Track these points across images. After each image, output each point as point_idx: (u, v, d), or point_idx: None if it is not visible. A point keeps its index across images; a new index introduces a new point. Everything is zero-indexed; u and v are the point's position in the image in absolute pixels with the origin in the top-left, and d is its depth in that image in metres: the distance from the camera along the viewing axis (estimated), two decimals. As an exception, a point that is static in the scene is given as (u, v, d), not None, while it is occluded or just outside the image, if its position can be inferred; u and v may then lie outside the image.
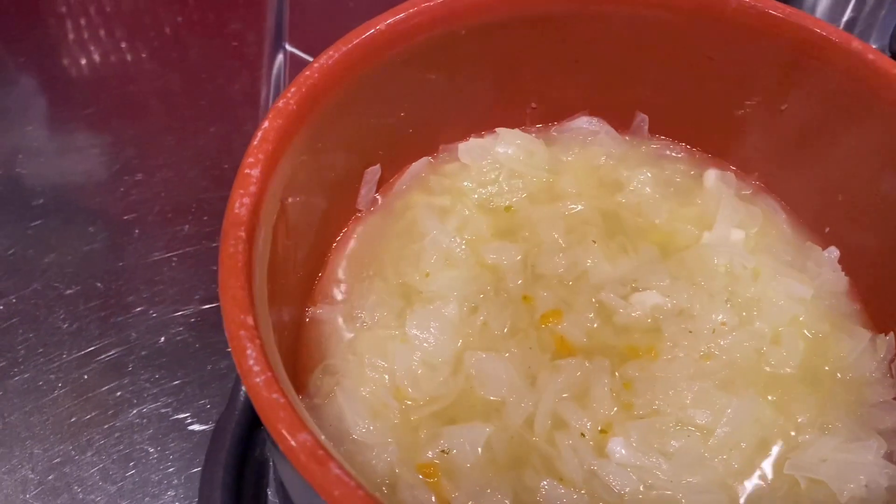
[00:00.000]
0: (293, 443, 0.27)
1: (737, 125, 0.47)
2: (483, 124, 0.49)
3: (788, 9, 0.41)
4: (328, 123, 0.39)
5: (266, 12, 0.74)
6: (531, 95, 0.49)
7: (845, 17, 0.54)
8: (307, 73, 0.37)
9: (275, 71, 0.69)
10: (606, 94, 0.49)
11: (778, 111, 0.45)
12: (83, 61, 0.73)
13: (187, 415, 0.50)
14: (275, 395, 0.28)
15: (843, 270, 0.45)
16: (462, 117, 0.48)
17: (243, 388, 0.39)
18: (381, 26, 0.39)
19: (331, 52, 0.38)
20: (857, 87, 0.40)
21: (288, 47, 0.70)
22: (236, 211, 0.32)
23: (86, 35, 0.76)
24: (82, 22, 0.78)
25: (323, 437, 0.28)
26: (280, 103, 0.36)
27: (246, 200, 0.33)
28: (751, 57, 0.43)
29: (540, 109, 0.50)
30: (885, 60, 0.39)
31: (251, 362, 0.28)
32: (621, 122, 0.50)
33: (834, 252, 0.45)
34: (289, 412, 0.27)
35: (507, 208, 0.47)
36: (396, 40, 0.40)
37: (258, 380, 0.28)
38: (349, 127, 0.42)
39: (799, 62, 0.42)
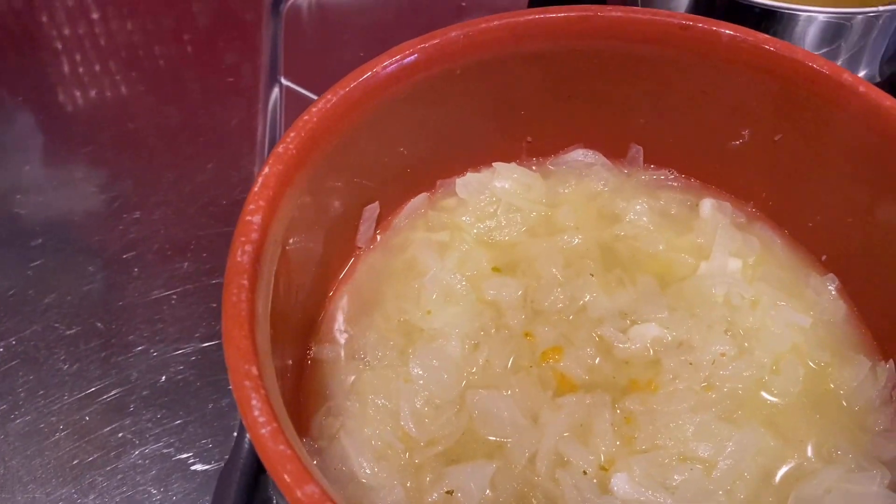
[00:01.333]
0: (300, 494, 0.27)
1: (731, 155, 0.47)
2: (480, 159, 0.50)
3: (780, 43, 0.41)
4: (327, 165, 0.39)
5: (261, 46, 0.75)
6: (527, 129, 0.49)
7: (834, 44, 0.55)
8: (305, 117, 0.38)
9: (271, 104, 0.69)
10: (601, 127, 0.50)
11: (772, 141, 0.45)
12: (80, 97, 0.74)
13: (190, 454, 0.50)
14: (281, 447, 0.28)
15: (841, 298, 0.45)
16: (459, 153, 0.49)
17: (248, 435, 0.39)
18: (377, 68, 0.40)
19: (329, 96, 0.38)
20: (849, 119, 0.41)
21: (283, 81, 0.70)
22: (238, 259, 0.32)
23: (82, 71, 0.77)
24: (77, 57, 0.78)
25: (327, 484, 0.28)
26: (280, 148, 0.36)
27: (248, 248, 0.33)
28: (744, 89, 0.44)
29: (535, 143, 0.50)
30: (876, 93, 0.39)
31: (256, 413, 0.29)
32: (616, 154, 0.51)
33: (832, 280, 0.46)
34: (295, 464, 0.28)
35: (506, 242, 0.47)
36: (393, 81, 0.41)
37: (264, 431, 0.28)
38: (348, 167, 0.42)
39: (791, 94, 0.42)
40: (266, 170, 0.35)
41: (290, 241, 0.37)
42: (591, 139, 0.50)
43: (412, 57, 0.40)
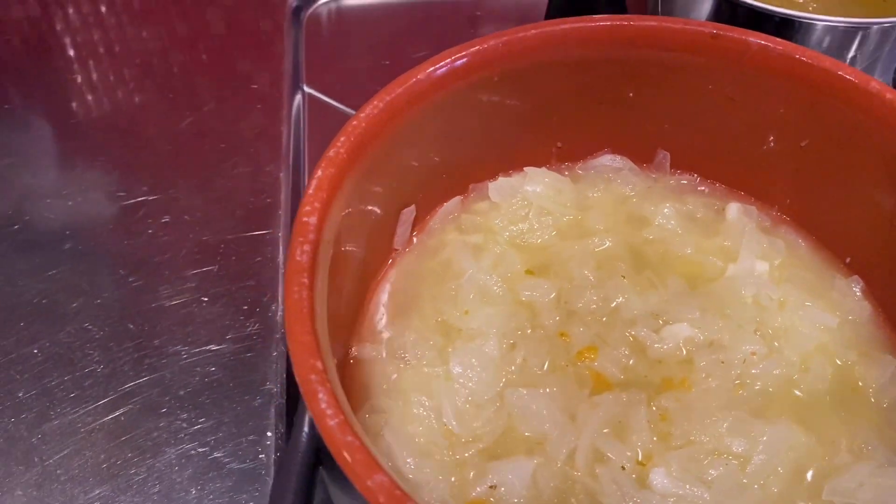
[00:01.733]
0: (370, 483, 0.28)
1: (758, 160, 0.49)
2: (511, 163, 0.51)
3: (809, 51, 0.43)
4: (373, 169, 0.40)
5: (281, 54, 0.76)
6: (557, 135, 0.51)
7: (850, 54, 0.56)
8: (354, 122, 0.39)
9: (294, 111, 0.70)
10: (629, 132, 0.51)
11: (798, 147, 0.46)
12: (95, 106, 0.74)
13: (224, 453, 0.50)
14: (349, 438, 0.29)
15: (866, 299, 0.47)
16: (491, 157, 0.50)
17: (305, 428, 0.40)
18: (421, 76, 0.41)
19: (376, 102, 0.40)
20: (876, 125, 0.42)
21: (306, 88, 0.71)
22: (298, 258, 0.33)
23: (96, 78, 0.77)
24: (93, 64, 0.79)
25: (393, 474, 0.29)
26: (331, 152, 0.37)
27: (307, 248, 0.34)
28: (772, 97, 0.45)
29: (565, 148, 0.52)
30: (902, 99, 0.41)
31: (324, 405, 0.30)
32: (643, 159, 0.52)
33: (857, 282, 0.47)
34: (364, 454, 0.29)
35: (538, 245, 0.49)
36: (436, 87, 0.42)
37: (332, 423, 0.29)
38: (389, 171, 0.43)
39: (819, 102, 0.43)
40: (319, 173, 0.37)
41: (340, 242, 0.38)
42: (619, 144, 0.52)
43: (456, 63, 0.41)
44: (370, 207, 0.42)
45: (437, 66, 0.41)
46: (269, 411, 0.52)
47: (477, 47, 0.43)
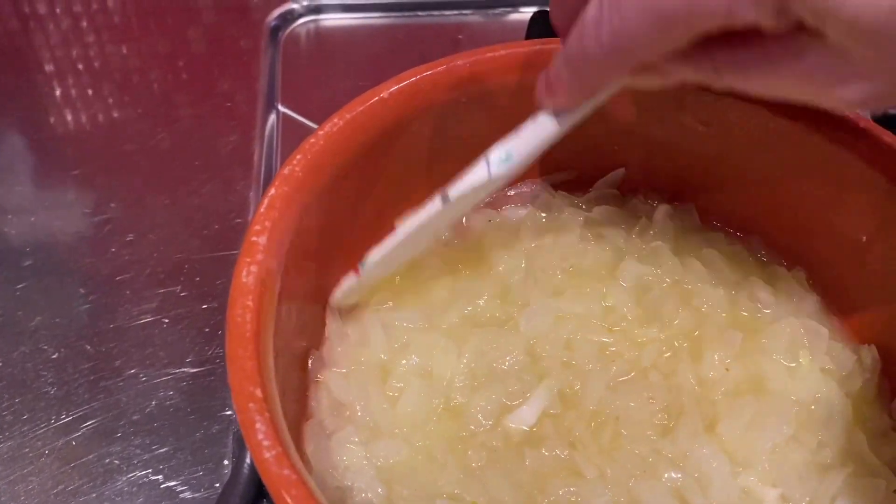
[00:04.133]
0: (305, 520, 0.26)
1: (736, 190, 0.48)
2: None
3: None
4: (331, 189, 0.39)
5: (257, 73, 0.75)
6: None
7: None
8: (312, 140, 0.38)
9: (267, 131, 0.69)
10: (602, 158, 0.50)
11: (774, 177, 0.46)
12: (72, 120, 0.73)
13: (178, 482, 0.49)
14: (286, 472, 0.27)
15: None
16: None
17: (248, 461, 0.38)
18: (384, 94, 0.40)
19: (336, 119, 0.38)
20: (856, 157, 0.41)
21: (281, 108, 0.70)
22: (244, 280, 0.32)
23: (75, 94, 0.76)
24: (71, 80, 0.78)
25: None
26: (286, 170, 0.36)
27: (253, 269, 0.33)
28: (745, 122, 0.44)
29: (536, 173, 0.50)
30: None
31: (260, 437, 0.28)
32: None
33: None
34: (300, 489, 0.27)
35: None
36: (399, 107, 0.41)
37: (268, 455, 0.28)
38: (350, 192, 0.42)
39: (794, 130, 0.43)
40: (272, 191, 0.35)
41: (294, 262, 0.36)
42: (589, 170, 0.50)
43: (419, 83, 0.40)
44: (330, 227, 0.41)
45: (401, 83, 0.40)
46: (227, 439, 0.50)
47: (443, 67, 0.42)
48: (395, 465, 0.38)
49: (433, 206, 0.39)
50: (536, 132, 0.37)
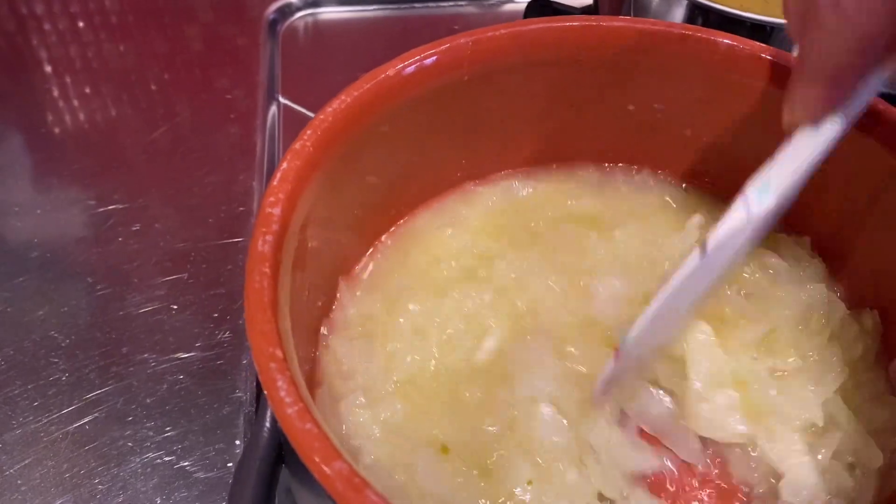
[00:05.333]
0: (329, 471, 0.27)
1: (730, 161, 0.49)
2: (483, 166, 0.51)
3: (775, 51, 0.43)
4: (342, 164, 0.40)
5: (256, 67, 0.76)
6: (527, 138, 0.50)
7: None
8: (321, 116, 0.38)
9: (269, 122, 0.70)
10: (600, 136, 0.51)
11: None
12: (71, 119, 0.74)
13: (191, 462, 0.49)
14: (308, 426, 0.28)
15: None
16: (464, 158, 0.50)
17: (267, 424, 0.39)
18: (390, 72, 0.41)
19: (343, 97, 0.39)
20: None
21: (281, 99, 0.71)
22: (260, 248, 0.33)
23: (73, 93, 0.77)
24: (68, 80, 0.79)
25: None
26: (297, 145, 0.37)
27: (269, 238, 0.33)
28: (741, 97, 0.45)
29: (535, 152, 0.51)
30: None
31: (282, 394, 0.29)
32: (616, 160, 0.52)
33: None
34: (323, 441, 0.28)
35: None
36: (405, 85, 0.41)
37: (290, 411, 0.28)
38: (362, 167, 0.43)
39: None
40: (284, 165, 0.36)
41: (309, 234, 0.37)
42: (590, 149, 0.51)
43: (425, 61, 0.41)
44: (343, 201, 0.42)
45: (406, 63, 0.41)
46: (238, 420, 0.51)
47: (447, 45, 0.43)
48: (396, 422, 0.39)
49: (691, 261, 0.33)
50: (798, 153, 0.32)
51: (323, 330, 0.42)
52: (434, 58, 0.42)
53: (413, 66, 0.42)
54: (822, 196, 0.45)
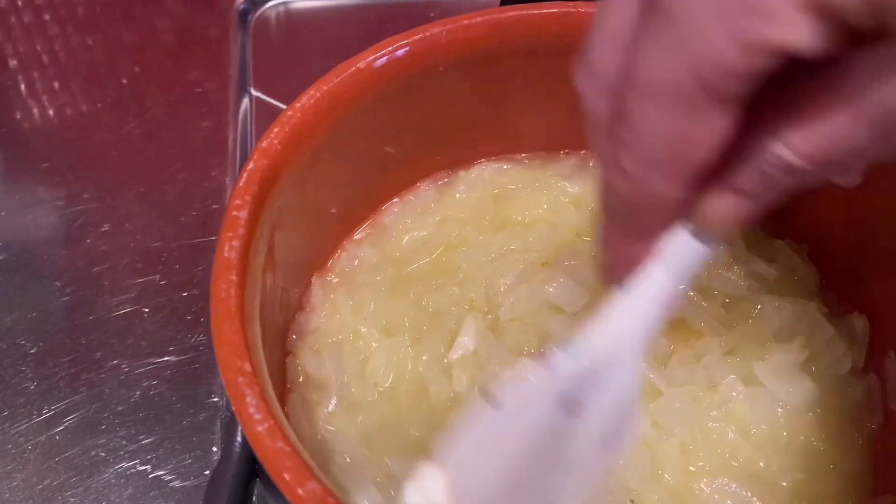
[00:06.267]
0: (301, 492, 0.26)
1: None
2: (462, 156, 0.49)
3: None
4: (312, 161, 0.38)
5: (227, 59, 0.74)
6: (507, 128, 0.49)
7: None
8: (290, 112, 0.37)
9: (241, 116, 0.68)
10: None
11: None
12: (39, 114, 0.72)
13: (167, 471, 0.48)
14: (279, 444, 0.27)
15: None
16: (442, 150, 0.48)
17: (238, 438, 0.37)
18: (361, 64, 0.39)
19: (312, 91, 0.38)
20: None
21: (253, 92, 0.69)
22: (226, 255, 0.31)
23: (40, 88, 0.75)
24: (35, 74, 0.76)
25: (327, 481, 0.27)
26: (264, 143, 0.35)
27: (235, 243, 0.32)
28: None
29: (515, 141, 0.50)
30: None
31: (252, 410, 0.27)
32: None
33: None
34: (294, 460, 0.26)
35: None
36: (377, 77, 0.40)
37: (260, 428, 0.27)
38: (332, 164, 0.41)
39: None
40: (251, 165, 0.34)
41: (278, 236, 0.36)
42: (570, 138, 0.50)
43: (397, 52, 0.40)
44: (311, 202, 0.40)
45: (377, 55, 0.40)
46: (215, 426, 0.49)
47: (419, 35, 0.41)
48: (372, 426, 0.38)
49: (479, 409, 0.28)
50: (611, 313, 0.28)
51: (293, 332, 0.41)
52: (406, 49, 0.40)
53: (384, 58, 0.40)
54: (820, 203, 0.44)
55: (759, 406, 0.40)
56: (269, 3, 0.77)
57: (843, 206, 0.44)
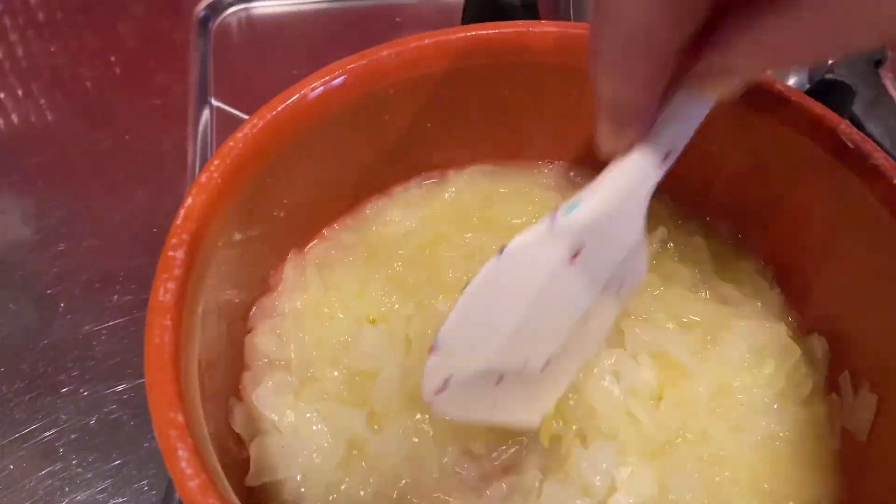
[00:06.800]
0: (232, 551, 0.25)
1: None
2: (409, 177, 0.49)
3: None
4: (255, 195, 0.37)
5: (190, 66, 0.73)
6: (458, 147, 0.48)
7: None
8: (231, 143, 0.36)
9: (201, 126, 0.67)
10: (534, 142, 0.49)
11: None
12: (2, 123, 0.70)
13: (125, 499, 0.47)
14: (210, 500, 0.26)
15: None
16: (389, 171, 0.47)
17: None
18: (305, 90, 0.38)
19: (255, 121, 0.37)
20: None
21: (214, 101, 0.68)
22: (161, 299, 0.31)
23: (2, 95, 0.73)
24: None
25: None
26: (203, 178, 0.34)
27: (171, 286, 0.31)
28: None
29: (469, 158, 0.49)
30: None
31: (183, 465, 0.27)
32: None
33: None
34: (226, 517, 0.26)
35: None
36: (322, 104, 0.39)
37: (192, 484, 0.26)
38: (278, 194, 0.40)
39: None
40: (189, 201, 0.34)
41: (218, 275, 0.35)
42: (525, 154, 0.49)
43: (341, 78, 0.39)
44: (254, 236, 0.40)
45: (323, 80, 0.39)
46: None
47: (366, 60, 0.40)
48: (326, 400, 0.39)
49: (489, 264, 0.31)
50: (612, 176, 0.31)
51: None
52: (351, 74, 0.40)
53: (328, 84, 0.39)
54: (786, 223, 0.44)
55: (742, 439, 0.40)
56: (231, 10, 0.76)
57: (809, 228, 0.43)
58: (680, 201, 0.49)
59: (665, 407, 0.40)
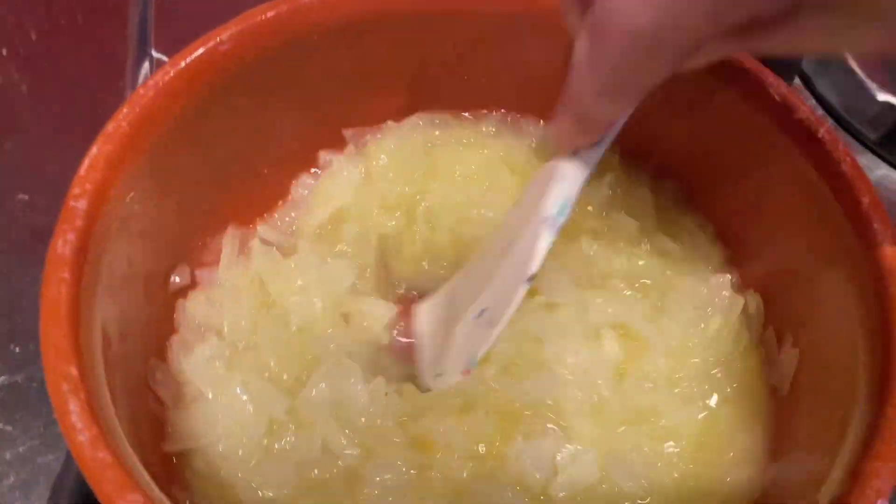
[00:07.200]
0: (122, 505, 0.25)
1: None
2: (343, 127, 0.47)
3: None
4: (169, 146, 0.36)
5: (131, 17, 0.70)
6: (388, 95, 0.47)
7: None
8: (141, 91, 0.35)
9: (140, 79, 0.65)
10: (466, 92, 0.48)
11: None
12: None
13: (54, 457, 0.45)
14: (101, 454, 0.26)
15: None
16: (319, 125, 0.46)
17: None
18: (222, 37, 0.37)
19: (167, 68, 0.36)
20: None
21: (154, 53, 0.66)
22: (59, 251, 0.30)
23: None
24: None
25: (157, 492, 0.26)
26: (110, 127, 0.33)
27: (70, 237, 0.30)
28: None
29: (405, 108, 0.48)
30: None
31: (74, 418, 0.26)
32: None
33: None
34: (116, 471, 0.25)
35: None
36: (241, 50, 0.38)
37: (82, 437, 0.26)
38: (198, 148, 0.39)
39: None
40: (94, 150, 0.33)
41: (133, 229, 0.34)
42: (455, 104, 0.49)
43: (267, 16, 0.37)
44: (175, 196, 0.38)
45: (241, 26, 0.37)
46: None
47: (290, 4, 0.39)
48: (256, 371, 0.39)
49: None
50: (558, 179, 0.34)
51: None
52: (274, 18, 0.38)
53: (249, 29, 0.38)
54: (728, 184, 0.44)
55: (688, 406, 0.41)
56: (174, -43, 0.73)
57: (746, 188, 0.43)
58: (629, 155, 0.48)
59: (628, 384, 0.41)
